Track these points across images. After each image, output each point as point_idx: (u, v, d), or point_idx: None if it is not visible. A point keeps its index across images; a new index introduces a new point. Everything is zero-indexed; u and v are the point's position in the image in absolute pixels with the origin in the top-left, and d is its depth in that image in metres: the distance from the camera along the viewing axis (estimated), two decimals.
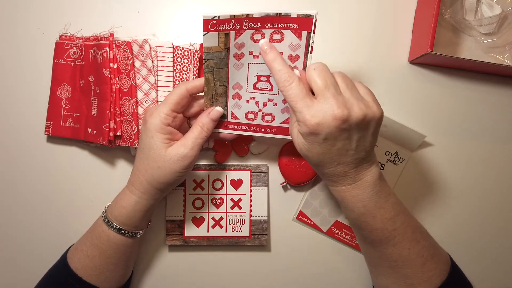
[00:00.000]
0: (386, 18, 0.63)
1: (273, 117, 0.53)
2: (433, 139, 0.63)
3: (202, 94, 0.53)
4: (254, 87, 0.52)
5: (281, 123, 0.54)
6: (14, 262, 0.62)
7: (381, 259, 0.51)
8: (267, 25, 0.47)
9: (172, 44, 0.58)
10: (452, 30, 0.62)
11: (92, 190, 0.62)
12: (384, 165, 0.62)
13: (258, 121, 0.54)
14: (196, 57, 0.59)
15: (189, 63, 0.59)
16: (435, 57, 0.57)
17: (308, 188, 0.62)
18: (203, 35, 0.48)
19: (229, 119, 0.55)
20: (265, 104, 0.53)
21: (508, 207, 0.63)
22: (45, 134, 0.60)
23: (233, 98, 0.53)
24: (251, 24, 0.47)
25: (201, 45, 0.59)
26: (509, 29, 0.61)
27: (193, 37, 0.62)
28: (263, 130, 0.55)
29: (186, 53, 0.59)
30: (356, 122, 0.43)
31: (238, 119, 0.54)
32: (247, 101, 0.53)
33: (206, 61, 0.50)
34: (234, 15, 0.46)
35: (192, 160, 0.51)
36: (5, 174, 0.62)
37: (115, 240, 0.52)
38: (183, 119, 0.53)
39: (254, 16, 0.46)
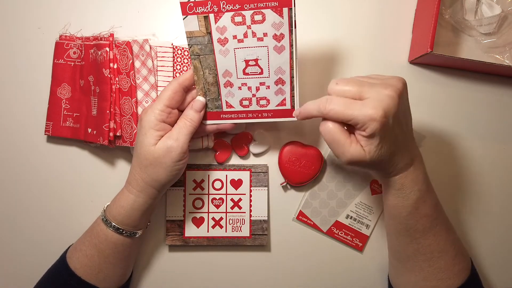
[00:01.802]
0: (386, 18, 0.63)
1: (268, 100, 0.53)
2: (433, 139, 0.63)
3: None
4: (244, 73, 0.52)
5: (276, 106, 0.53)
6: (14, 261, 0.62)
7: (417, 252, 0.52)
8: (246, 6, 0.46)
9: (172, 44, 0.58)
10: (452, 30, 0.62)
11: (92, 190, 0.62)
12: None
13: (254, 106, 0.54)
14: None
15: (189, 63, 0.59)
16: (435, 57, 0.57)
17: (308, 188, 0.62)
18: (183, 19, 0.48)
19: (224, 108, 0.55)
20: (257, 89, 0.53)
21: (509, 207, 0.63)
22: (45, 134, 0.60)
23: (225, 86, 0.53)
24: (229, 6, 0.47)
25: None
26: (509, 29, 0.61)
27: None
28: (259, 115, 0.54)
29: (186, 53, 0.59)
30: (403, 89, 0.45)
31: (233, 107, 0.54)
32: (239, 88, 0.53)
33: (190, 47, 0.50)
34: None
35: (179, 152, 0.50)
36: (5, 174, 0.62)
37: (113, 240, 0.52)
38: (178, 114, 0.53)
39: None
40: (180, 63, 0.59)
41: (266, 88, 0.52)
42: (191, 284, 0.63)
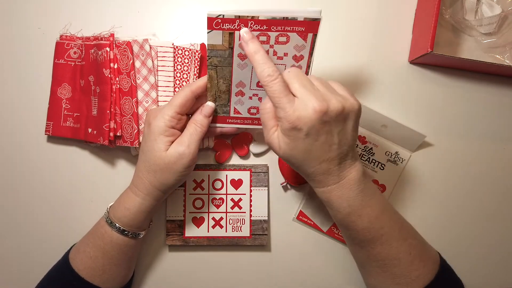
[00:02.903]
0: (386, 18, 0.63)
1: None
2: (433, 139, 0.63)
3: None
4: (258, 85, 0.52)
5: None
6: (15, 261, 0.62)
7: (369, 259, 0.51)
8: (273, 27, 0.47)
9: (173, 44, 0.58)
10: (452, 30, 0.62)
11: (92, 190, 0.62)
12: (384, 165, 0.62)
13: None
14: (196, 57, 0.59)
15: (189, 63, 0.59)
16: (435, 57, 0.57)
17: (308, 188, 0.62)
18: (208, 33, 0.48)
19: (232, 114, 0.55)
20: None
21: (509, 207, 0.63)
22: (45, 134, 0.60)
23: (236, 95, 0.53)
24: (256, 26, 0.47)
25: (201, 45, 0.60)
26: (509, 29, 0.61)
27: (194, 37, 0.62)
28: None
29: (186, 53, 0.59)
30: (335, 113, 0.44)
31: (240, 114, 0.55)
32: (250, 98, 0.53)
33: (209, 58, 0.50)
34: (239, 16, 0.46)
35: (191, 158, 0.50)
36: (5, 174, 0.62)
37: (118, 241, 0.53)
38: (186, 120, 0.53)
39: (260, 18, 0.46)
40: (180, 63, 0.59)
41: None
42: (191, 284, 0.63)
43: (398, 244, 0.49)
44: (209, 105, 0.53)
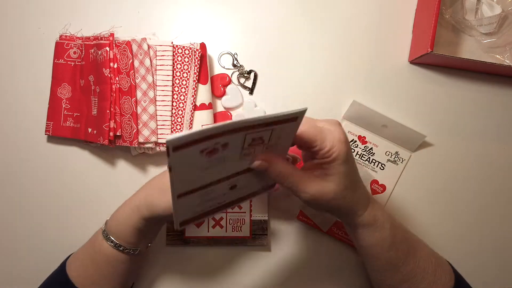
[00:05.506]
0: (386, 18, 0.63)
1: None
2: (433, 139, 0.63)
3: None
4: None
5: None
6: (13, 261, 0.62)
7: (402, 280, 0.50)
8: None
9: (172, 42, 0.58)
10: (452, 30, 0.62)
11: (92, 190, 0.62)
12: (384, 165, 0.62)
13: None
14: (196, 55, 0.58)
15: (189, 62, 0.59)
16: (435, 57, 0.57)
17: None
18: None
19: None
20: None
21: (509, 207, 0.63)
22: (45, 134, 0.60)
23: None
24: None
25: (201, 44, 0.59)
26: (510, 29, 0.61)
27: (193, 37, 0.62)
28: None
29: (186, 52, 0.58)
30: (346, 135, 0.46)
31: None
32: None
33: None
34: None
35: None
36: (5, 174, 0.62)
37: (106, 252, 0.51)
38: None
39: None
40: (180, 62, 0.58)
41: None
42: (191, 284, 0.63)
43: (421, 254, 0.50)
44: None
